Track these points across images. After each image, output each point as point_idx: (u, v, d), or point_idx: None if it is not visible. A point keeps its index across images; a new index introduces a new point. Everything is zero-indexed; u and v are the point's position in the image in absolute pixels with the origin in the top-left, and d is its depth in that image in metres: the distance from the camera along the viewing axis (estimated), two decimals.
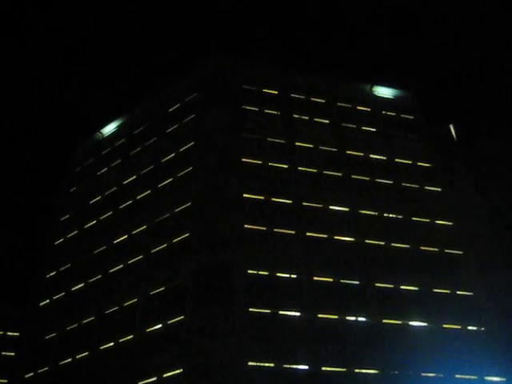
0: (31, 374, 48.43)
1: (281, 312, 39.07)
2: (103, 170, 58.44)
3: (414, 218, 47.97)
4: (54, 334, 48.87)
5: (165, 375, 37.28)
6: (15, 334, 63.56)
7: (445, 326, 42.12)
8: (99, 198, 55.82)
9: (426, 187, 50.76)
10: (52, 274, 54.62)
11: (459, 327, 42.40)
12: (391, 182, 49.96)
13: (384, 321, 40.89)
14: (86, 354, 44.44)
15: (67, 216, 58.68)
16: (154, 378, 37.88)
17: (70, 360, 45.55)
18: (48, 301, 52.53)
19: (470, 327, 42.70)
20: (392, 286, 43.03)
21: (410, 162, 52.34)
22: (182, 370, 36.27)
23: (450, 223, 48.69)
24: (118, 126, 60.90)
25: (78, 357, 45.05)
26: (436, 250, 46.42)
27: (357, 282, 42.32)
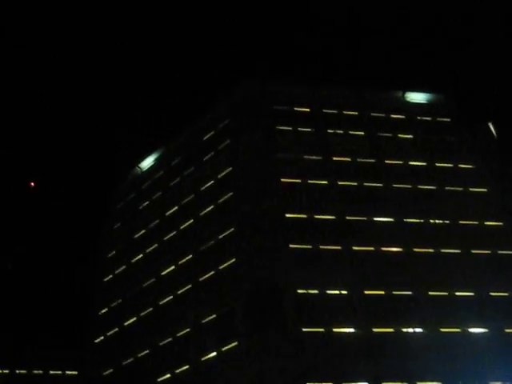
0: None
1: (335, 330, 38.41)
2: (145, 204, 59.21)
3: (461, 222, 46.73)
4: (111, 370, 49.20)
5: None
6: (73, 372, 64.31)
7: (507, 330, 40.54)
8: (143, 231, 56.46)
9: (471, 189, 49.50)
10: (104, 310, 55.25)
11: None
12: (434, 188, 48.93)
13: (442, 330, 39.67)
14: None
15: (114, 252, 59.50)
16: None
17: None
18: (102, 337, 53.05)
19: None
20: (446, 293, 41.81)
21: (452, 165, 51.23)
22: None
23: (500, 223, 47.24)
24: (155, 160, 61.80)
25: None
26: (488, 252, 45.00)
27: (409, 293, 41.32)
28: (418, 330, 39.65)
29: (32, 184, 75.54)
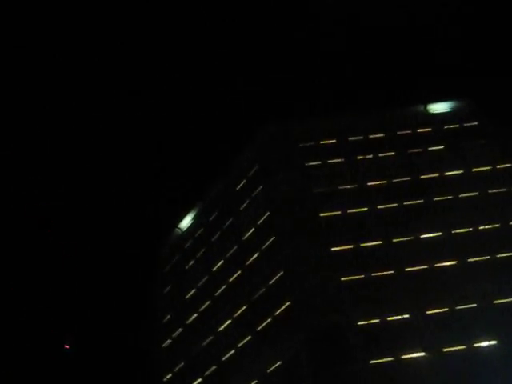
0: None
1: (403, 356, 37.31)
2: (191, 263, 59.45)
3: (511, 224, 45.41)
4: None
5: None
6: None
7: None
8: (194, 290, 56.50)
9: None
10: (168, 376, 54.98)
11: None
12: (477, 194, 47.85)
13: None
14: None
15: (168, 317, 59.56)
16: None
17: None
18: None
19: None
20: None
21: (490, 168, 50.17)
22: None
23: None
24: (193, 218, 62.30)
25: None
26: None
27: (474, 305, 39.98)
28: (492, 342, 38.13)
29: (66, 347, 75.38)
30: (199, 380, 49.85)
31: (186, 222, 63.10)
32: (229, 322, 48.83)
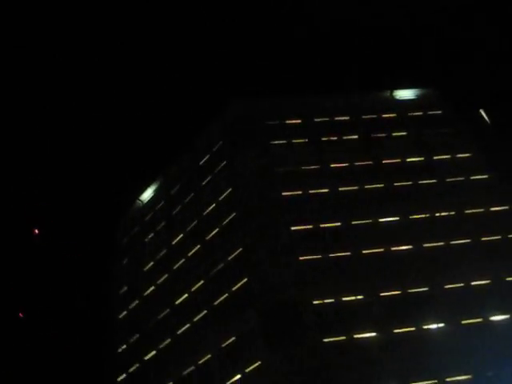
0: None
1: (356, 336, 38.16)
2: (150, 236, 59.18)
3: (467, 211, 46.59)
4: None
5: None
6: None
7: None
8: (152, 263, 56.34)
9: (472, 177, 49.44)
10: (123, 347, 54.95)
11: None
12: (435, 181, 48.89)
13: (463, 322, 39.40)
14: None
15: (125, 288, 59.31)
16: None
17: None
18: (125, 375, 52.69)
19: None
20: (462, 284, 41.57)
21: (450, 157, 51.24)
22: None
23: (506, 207, 47.12)
24: (154, 190, 61.85)
25: None
26: (498, 237, 44.82)
27: (426, 289, 41.08)
28: (440, 324, 39.33)
29: (36, 231, 75.47)
30: (153, 352, 49.98)
31: (147, 195, 62.61)
32: (185, 296, 48.93)
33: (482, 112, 56.65)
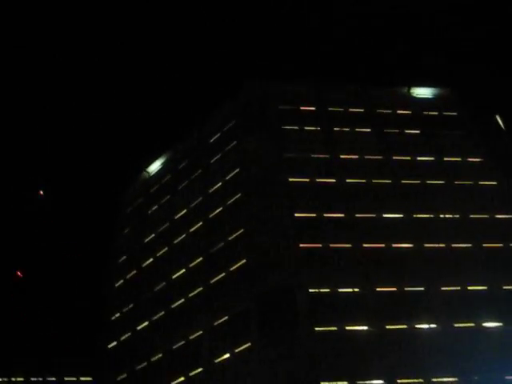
0: None
1: (347, 328, 38.31)
2: (154, 208, 59.38)
3: (472, 216, 46.42)
4: (124, 375, 49.32)
5: None
6: (88, 378, 64.53)
7: None
8: (153, 235, 56.59)
9: (481, 182, 49.19)
10: (117, 315, 55.40)
11: None
12: (443, 182, 48.68)
13: (456, 325, 39.45)
14: None
15: (124, 257, 59.67)
16: None
17: None
18: (115, 343, 53.18)
19: None
20: (459, 287, 41.54)
21: (460, 159, 50.95)
22: None
23: (511, 216, 46.92)
24: (162, 164, 61.99)
25: None
26: (500, 245, 44.68)
27: (422, 288, 41.07)
28: (432, 325, 39.41)
29: (41, 193, 75.90)
30: (146, 323, 50.35)
31: (154, 167, 62.78)
32: (183, 271, 49.17)
33: (498, 118, 56.22)
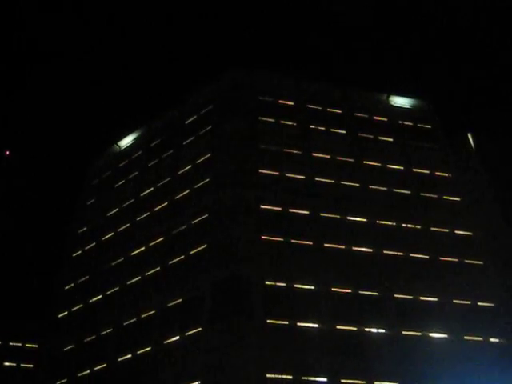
0: None
1: (299, 323, 38.68)
2: (121, 183, 58.79)
3: (432, 228, 47.40)
4: (72, 346, 48.92)
5: None
6: (34, 345, 63.82)
7: (466, 337, 41.29)
8: (117, 210, 56.08)
9: (445, 197, 50.21)
10: (70, 286, 54.81)
11: (480, 339, 41.54)
12: (409, 192, 49.51)
13: (403, 332, 40.26)
14: (104, 365, 44.38)
15: (85, 228, 58.98)
16: None
17: (87, 372, 45.50)
18: (66, 313, 52.66)
19: (491, 339, 41.81)
20: (411, 296, 42.42)
21: (428, 172, 51.90)
22: (199, 382, 36.02)
23: (469, 233, 48.03)
24: (135, 139, 61.32)
25: (95, 368, 45.00)
26: (456, 260, 45.77)
27: (375, 293, 41.80)
28: (381, 330, 40.13)
29: (7, 153, 74.43)
30: (99, 297, 49.99)
31: (126, 141, 62.04)
32: (143, 248, 48.90)
33: (470, 136, 57.36)
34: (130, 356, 42.73)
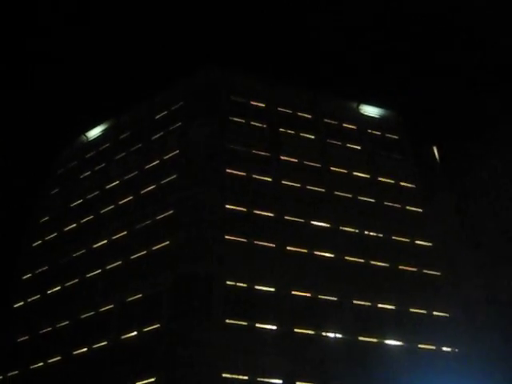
0: (0, 377, 47.58)
1: (257, 325, 38.82)
2: (86, 174, 58.13)
3: (394, 237, 48.21)
4: (26, 337, 48.13)
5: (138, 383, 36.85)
6: None
7: (420, 346, 42.11)
8: (80, 201, 55.45)
9: (407, 207, 51.16)
10: (28, 275, 53.92)
11: (434, 348, 42.48)
12: (373, 201, 50.27)
13: (360, 338, 40.80)
14: (59, 358, 43.79)
15: (47, 218, 58.11)
16: None
17: (41, 364, 44.83)
18: (22, 303, 51.80)
19: (444, 348, 42.78)
20: (370, 303, 43.06)
21: (393, 182, 52.79)
22: (155, 379, 35.86)
23: (429, 244, 49.03)
24: (103, 130, 60.71)
25: (49, 361, 44.38)
26: (414, 269, 46.66)
27: (335, 299, 42.28)
28: (338, 335, 40.61)
29: None
30: (57, 288, 49.32)
31: (94, 132, 61.39)
32: (105, 241, 48.49)
33: (435, 149, 58.55)
34: (85, 350, 42.27)
